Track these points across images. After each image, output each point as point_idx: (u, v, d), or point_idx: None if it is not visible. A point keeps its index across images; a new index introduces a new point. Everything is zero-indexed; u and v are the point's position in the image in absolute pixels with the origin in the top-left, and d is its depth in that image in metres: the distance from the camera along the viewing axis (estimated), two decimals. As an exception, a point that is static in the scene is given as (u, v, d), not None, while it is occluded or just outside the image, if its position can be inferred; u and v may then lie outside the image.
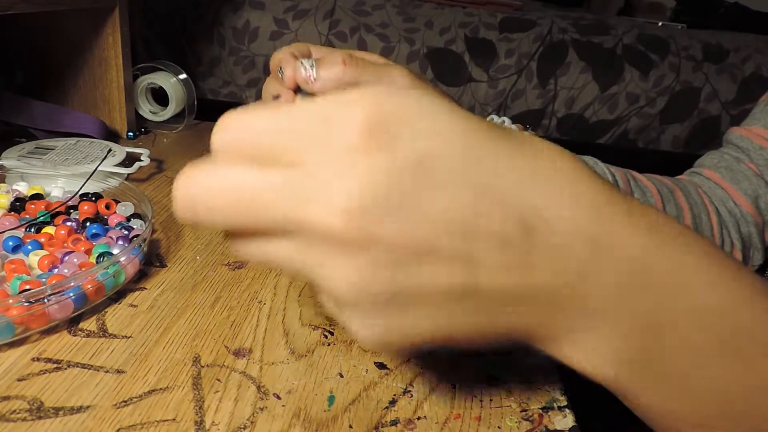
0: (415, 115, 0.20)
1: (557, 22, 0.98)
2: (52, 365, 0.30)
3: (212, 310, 0.36)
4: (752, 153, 0.56)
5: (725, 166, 0.57)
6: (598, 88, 0.95)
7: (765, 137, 0.56)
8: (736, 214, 0.56)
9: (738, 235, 0.55)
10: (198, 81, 0.96)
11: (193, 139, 0.70)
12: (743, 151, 0.57)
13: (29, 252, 0.38)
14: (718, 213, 0.56)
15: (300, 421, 0.28)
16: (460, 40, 0.95)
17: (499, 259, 0.21)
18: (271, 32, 0.93)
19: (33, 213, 0.43)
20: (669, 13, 1.89)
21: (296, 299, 0.38)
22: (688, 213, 0.54)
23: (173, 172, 0.58)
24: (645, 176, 0.56)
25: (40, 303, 0.31)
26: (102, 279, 0.34)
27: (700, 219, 0.55)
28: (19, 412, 0.27)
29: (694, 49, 0.97)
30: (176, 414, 0.28)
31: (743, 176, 0.56)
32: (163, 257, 0.42)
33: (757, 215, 0.55)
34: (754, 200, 0.55)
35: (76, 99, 0.67)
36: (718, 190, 0.57)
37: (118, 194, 0.47)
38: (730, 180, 0.57)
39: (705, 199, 0.56)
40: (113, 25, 0.62)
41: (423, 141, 0.20)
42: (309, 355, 0.33)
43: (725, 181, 0.57)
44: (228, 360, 0.32)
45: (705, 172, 0.59)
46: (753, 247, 0.56)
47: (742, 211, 0.56)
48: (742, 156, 0.57)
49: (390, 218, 0.19)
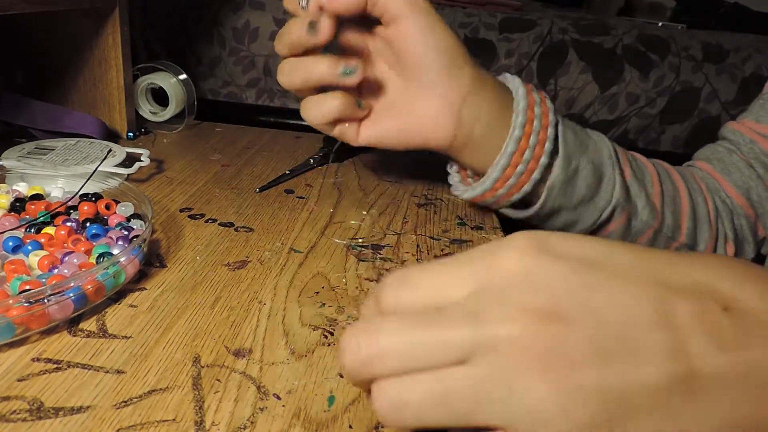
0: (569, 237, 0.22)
1: (557, 22, 0.98)
2: (52, 365, 0.30)
3: (212, 310, 0.36)
4: (743, 147, 0.56)
5: (717, 158, 0.58)
6: (598, 88, 0.95)
7: (756, 130, 0.56)
8: (729, 205, 0.56)
9: (731, 226, 0.55)
10: (198, 81, 0.96)
11: (193, 140, 0.70)
12: (735, 144, 0.57)
13: (29, 252, 0.38)
14: (714, 201, 0.56)
15: (300, 421, 0.28)
16: (460, 40, 0.95)
17: (703, 341, 0.19)
18: (271, 32, 0.93)
19: (33, 213, 0.43)
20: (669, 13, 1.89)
21: (296, 299, 0.38)
22: (685, 194, 0.55)
23: (173, 172, 0.58)
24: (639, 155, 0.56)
25: (40, 303, 0.31)
26: (102, 279, 0.34)
27: (697, 203, 0.55)
28: (19, 412, 0.27)
29: (694, 49, 0.97)
30: (176, 414, 0.28)
31: (735, 168, 0.56)
32: (163, 257, 0.42)
33: (748, 207, 0.55)
34: (745, 192, 0.55)
35: (76, 99, 0.67)
36: (711, 180, 0.57)
37: (118, 194, 0.47)
38: (721, 171, 0.57)
39: (702, 185, 0.56)
40: (113, 25, 0.62)
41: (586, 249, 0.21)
42: (309, 355, 0.33)
43: (717, 173, 0.57)
44: (228, 360, 0.32)
45: (698, 164, 0.59)
46: (745, 240, 0.56)
47: (734, 202, 0.56)
48: (734, 149, 0.57)
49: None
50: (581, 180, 0.49)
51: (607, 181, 0.50)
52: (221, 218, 0.49)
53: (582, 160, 0.49)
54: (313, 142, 0.72)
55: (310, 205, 0.54)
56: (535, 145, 0.47)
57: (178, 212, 0.49)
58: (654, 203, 0.53)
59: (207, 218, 0.49)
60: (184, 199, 0.52)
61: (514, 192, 0.50)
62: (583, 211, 0.51)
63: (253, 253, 0.44)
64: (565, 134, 0.49)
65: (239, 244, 0.45)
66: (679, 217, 0.54)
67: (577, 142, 0.50)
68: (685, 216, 0.54)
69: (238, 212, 0.50)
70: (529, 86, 0.50)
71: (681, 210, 0.54)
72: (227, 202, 0.52)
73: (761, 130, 0.55)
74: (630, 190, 0.52)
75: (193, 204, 0.51)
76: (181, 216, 0.49)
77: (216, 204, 0.52)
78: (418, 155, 0.72)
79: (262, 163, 0.64)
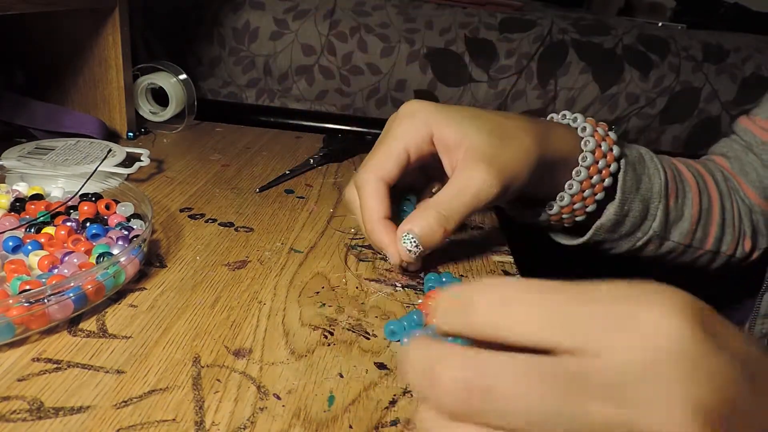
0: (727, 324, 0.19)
1: (557, 22, 0.98)
2: (52, 365, 0.30)
3: (212, 310, 0.36)
4: (755, 147, 0.56)
5: (735, 156, 0.58)
6: (598, 88, 0.95)
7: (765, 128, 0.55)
8: (747, 204, 0.56)
9: (749, 223, 0.56)
10: (198, 81, 0.96)
11: (193, 139, 0.70)
12: (747, 144, 0.57)
13: (29, 252, 0.38)
14: (737, 202, 0.56)
15: (300, 421, 0.28)
16: (460, 40, 0.95)
17: None
18: (271, 32, 0.93)
19: (33, 213, 0.43)
20: (669, 13, 1.89)
21: (296, 299, 0.38)
22: (717, 204, 0.55)
23: (173, 172, 0.58)
24: (683, 165, 0.56)
25: (40, 303, 0.31)
26: (102, 279, 0.34)
27: (725, 209, 0.55)
28: (19, 412, 0.27)
29: (694, 49, 0.97)
30: (176, 414, 0.28)
31: (751, 168, 0.56)
32: (163, 257, 0.42)
33: (765, 205, 0.56)
34: (762, 192, 0.56)
35: (76, 99, 0.67)
36: (732, 181, 0.57)
37: (118, 194, 0.47)
38: (739, 171, 0.57)
39: (728, 185, 0.57)
40: (113, 25, 0.62)
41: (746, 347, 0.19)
42: (309, 355, 0.33)
43: (735, 173, 0.57)
44: (228, 360, 0.32)
45: (716, 159, 0.59)
46: (760, 233, 0.57)
47: (752, 202, 0.56)
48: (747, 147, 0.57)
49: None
50: (629, 220, 0.50)
51: (650, 216, 0.51)
52: (221, 218, 0.49)
53: (635, 202, 0.49)
54: (313, 142, 0.72)
55: (310, 205, 0.54)
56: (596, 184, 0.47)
57: (178, 212, 0.49)
58: (690, 228, 0.53)
59: (207, 218, 0.49)
60: (184, 199, 0.52)
61: (577, 215, 0.49)
62: (620, 242, 0.52)
63: (253, 253, 0.44)
64: (626, 173, 0.48)
65: (239, 244, 0.45)
66: (709, 228, 0.54)
67: (634, 180, 0.49)
68: (714, 226, 0.54)
69: (238, 212, 0.50)
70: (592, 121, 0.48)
71: (711, 221, 0.54)
72: (227, 202, 0.52)
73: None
74: (669, 218, 0.52)
75: (193, 204, 0.51)
76: (181, 216, 0.49)
77: (216, 204, 0.52)
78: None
79: (262, 163, 0.64)
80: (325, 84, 0.95)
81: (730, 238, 0.55)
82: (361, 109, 0.96)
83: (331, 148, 0.67)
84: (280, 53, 0.94)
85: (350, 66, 0.94)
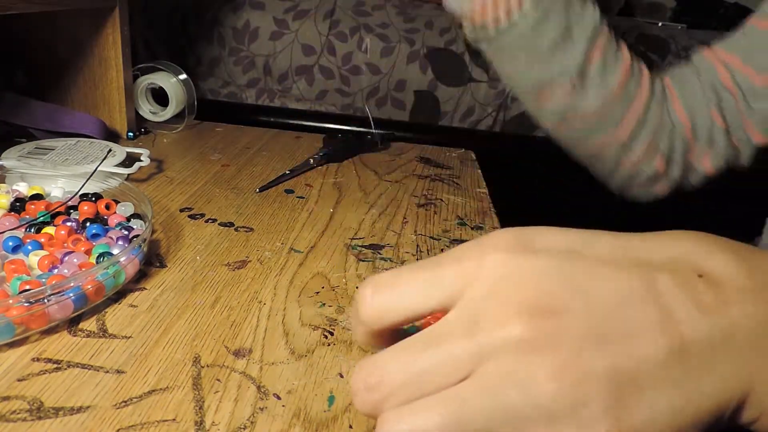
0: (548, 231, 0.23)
1: (557, 23, 0.98)
2: (52, 365, 0.30)
3: (212, 310, 0.36)
4: (702, 73, 0.56)
5: (680, 78, 0.58)
6: (598, 88, 0.95)
7: (721, 58, 0.56)
8: (671, 119, 0.56)
9: (667, 143, 0.56)
10: (198, 81, 0.96)
11: (193, 139, 0.70)
12: (697, 69, 0.57)
13: (29, 252, 0.38)
14: (663, 112, 0.56)
15: (300, 421, 0.28)
16: (460, 40, 0.95)
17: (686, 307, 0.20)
18: (271, 32, 0.93)
19: (33, 213, 0.43)
20: (669, 13, 1.89)
21: (296, 299, 0.38)
22: (644, 98, 0.55)
23: (173, 172, 0.58)
24: (626, 45, 0.57)
25: (40, 303, 0.31)
26: (102, 279, 0.34)
27: (649, 108, 0.55)
28: (19, 412, 0.27)
29: (694, 49, 0.97)
30: (176, 414, 0.28)
31: (691, 91, 0.56)
32: (163, 257, 0.42)
33: (689, 130, 0.56)
34: (691, 114, 0.55)
35: (76, 99, 0.67)
36: (667, 92, 0.57)
37: (118, 194, 0.47)
38: (678, 89, 0.57)
39: (663, 93, 0.57)
40: (113, 25, 0.62)
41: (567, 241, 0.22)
42: (309, 355, 0.33)
43: (673, 88, 0.57)
44: (228, 360, 0.32)
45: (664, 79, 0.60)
46: (674, 162, 0.57)
47: (677, 119, 0.56)
48: (695, 73, 0.57)
49: None
50: (548, 31, 0.51)
51: (570, 43, 0.52)
52: (221, 218, 0.49)
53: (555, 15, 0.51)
54: (313, 142, 0.72)
55: (310, 205, 0.54)
56: None
57: (178, 212, 0.49)
58: (608, 97, 0.54)
59: (207, 218, 0.49)
60: (184, 199, 0.52)
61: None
62: (534, 67, 0.53)
63: (253, 253, 0.44)
64: None
65: (239, 244, 0.45)
66: (626, 113, 0.55)
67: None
68: (633, 115, 0.55)
69: (238, 212, 0.50)
70: None
71: (632, 108, 0.55)
72: (227, 202, 0.52)
73: (726, 58, 0.55)
74: (588, 70, 0.53)
75: (193, 204, 0.51)
76: (181, 216, 0.49)
77: (216, 204, 0.52)
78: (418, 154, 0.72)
79: (262, 163, 0.64)
80: (325, 84, 0.95)
81: (645, 143, 0.55)
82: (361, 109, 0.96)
83: (331, 148, 0.67)
84: (280, 53, 0.94)
85: (350, 66, 0.94)
